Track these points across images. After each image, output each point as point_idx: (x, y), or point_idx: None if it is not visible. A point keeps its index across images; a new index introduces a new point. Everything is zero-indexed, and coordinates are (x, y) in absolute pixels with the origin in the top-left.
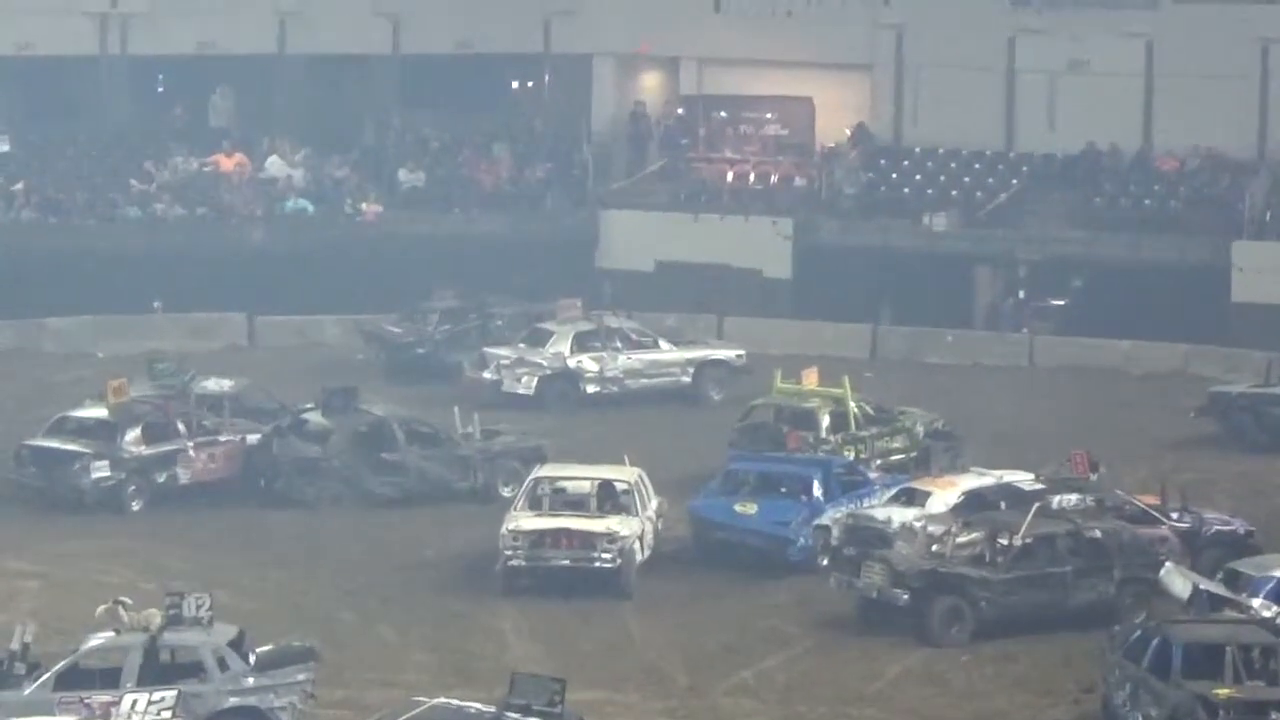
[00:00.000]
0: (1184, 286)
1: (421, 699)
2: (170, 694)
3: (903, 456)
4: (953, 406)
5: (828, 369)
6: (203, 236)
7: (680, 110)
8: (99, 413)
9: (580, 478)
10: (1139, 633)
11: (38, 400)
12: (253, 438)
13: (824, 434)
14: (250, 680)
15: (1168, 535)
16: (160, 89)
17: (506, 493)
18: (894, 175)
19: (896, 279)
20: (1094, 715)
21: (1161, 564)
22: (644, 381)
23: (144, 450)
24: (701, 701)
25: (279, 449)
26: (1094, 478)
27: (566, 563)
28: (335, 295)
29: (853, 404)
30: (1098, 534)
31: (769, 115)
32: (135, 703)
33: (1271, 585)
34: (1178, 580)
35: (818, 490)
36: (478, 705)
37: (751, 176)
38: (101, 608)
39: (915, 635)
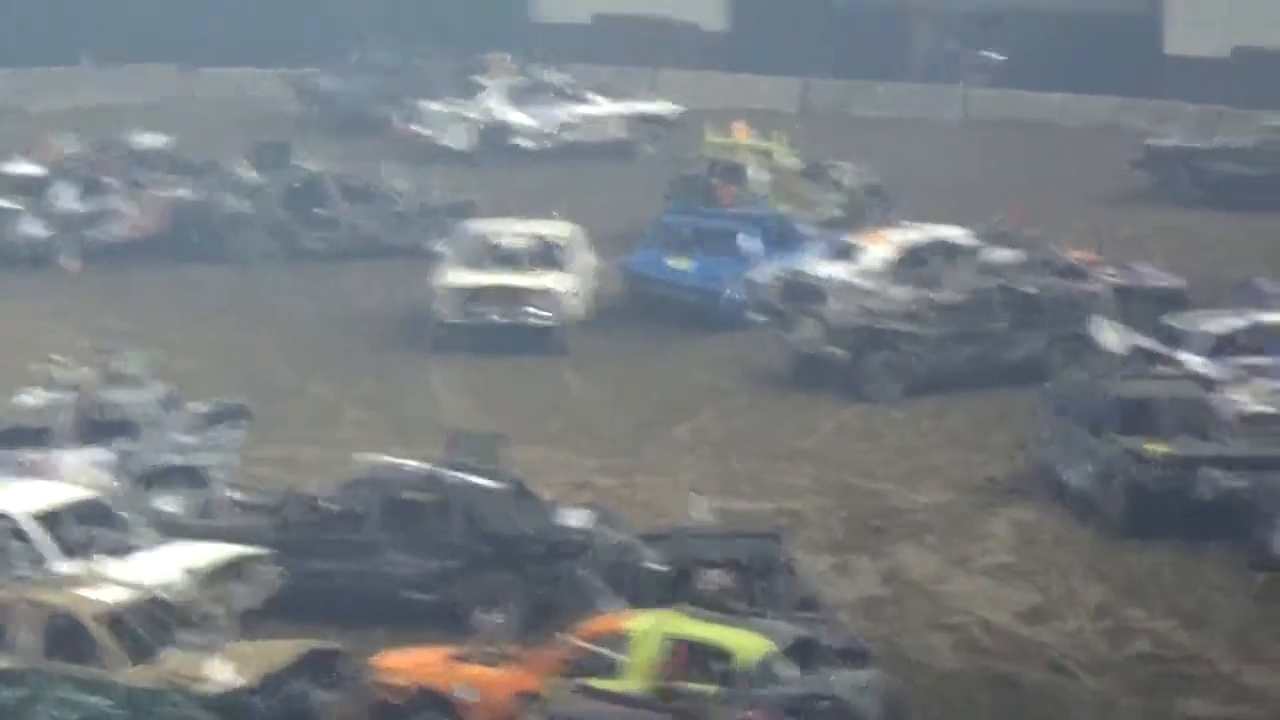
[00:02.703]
0: (1116, 38)
1: (359, 456)
2: (103, 452)
3: (836, 212)
4: (885, 161)
5: (758, 122)
6: None
7: None
8: (30, 169)
9: (515, 234)
10: (1072, 388)
11: None
12: (185, 193)
13: (755, 188)
14: (184, 438)
15: (1100, 291)
16: None
17: (439, 248)
18: None
19: (831, 31)
20: (1028, 471)
21: (1094, 320)
22: (577, 136)
23: (76, 206)
24: (637, 457)
25: (211, 204)
26: (1027, 231)
27: (501, 319)
28: (268, 46)
29: (783, 158)
30: (1031, 289)
31: None
32: (67, 461)
33: (1204, 340)
34: (1110, 335)
35: (751, 245)
36: (414, 463)
37: None
38: (34, 366)
39: (849, 391)
